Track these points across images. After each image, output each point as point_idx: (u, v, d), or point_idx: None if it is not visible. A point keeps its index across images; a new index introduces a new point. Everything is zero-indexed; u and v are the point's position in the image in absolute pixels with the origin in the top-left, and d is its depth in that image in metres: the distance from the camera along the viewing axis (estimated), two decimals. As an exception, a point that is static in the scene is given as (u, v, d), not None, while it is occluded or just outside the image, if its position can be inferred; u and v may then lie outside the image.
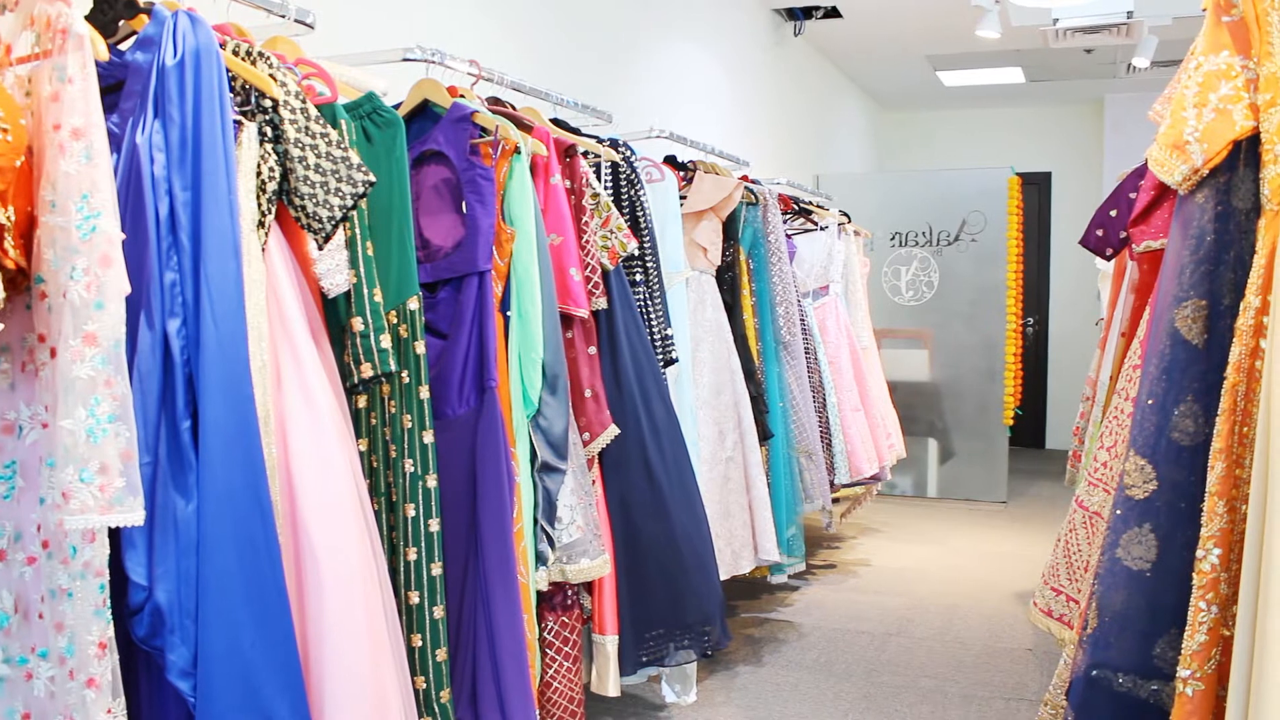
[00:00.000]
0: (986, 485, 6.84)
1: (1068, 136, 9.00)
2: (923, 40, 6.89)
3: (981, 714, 3.35)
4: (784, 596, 4.62)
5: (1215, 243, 1.66)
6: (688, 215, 3.47)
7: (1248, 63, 1.58)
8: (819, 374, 4.44)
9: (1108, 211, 3.07)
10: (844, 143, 8.00)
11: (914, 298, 6.89)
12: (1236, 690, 1.51)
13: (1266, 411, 1.47)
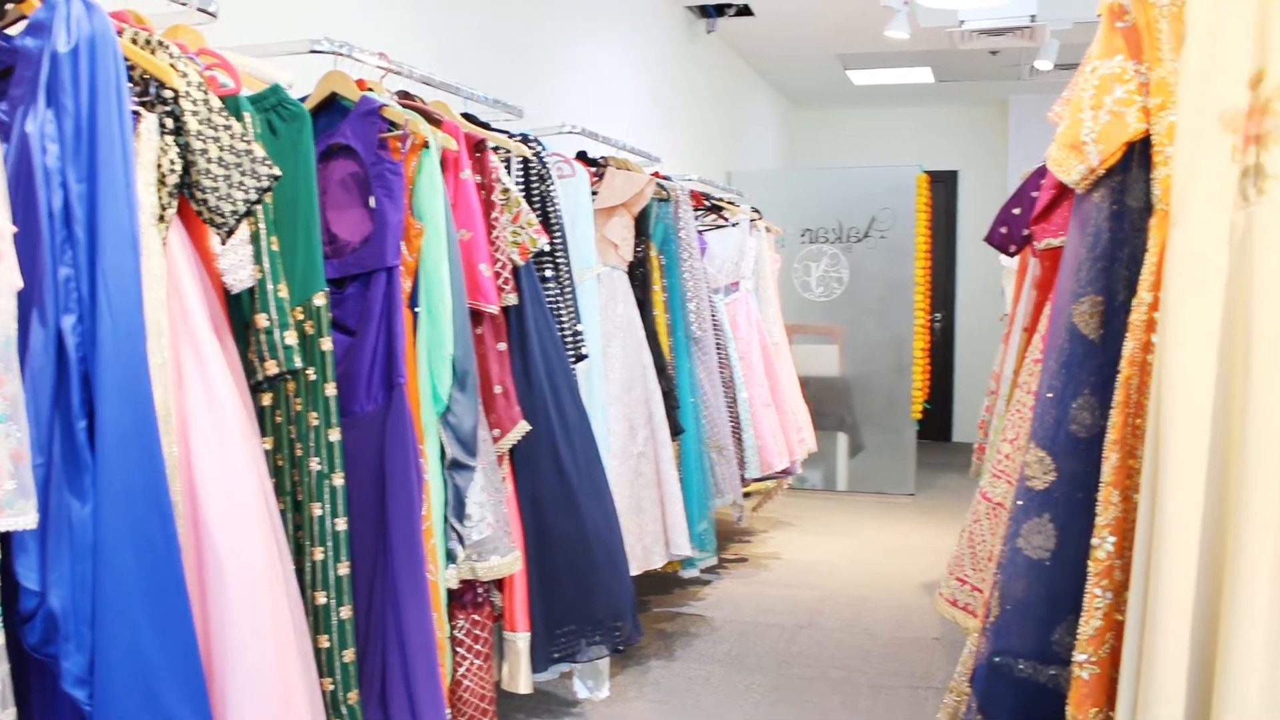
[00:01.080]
0: (895, 478, 6.96)
1: (974, 136, 9.19)
2: (833, 39, 6.98)
3: (890, 702, 3.40)
4: (696, 590, 4.65)
5: (1111, 240, 1.70)
6: (599, 211, 3.47)
7: (1140, 67, 1.62)
8: (730, 369, 4.47)
9: (1011, 209, 3.14)
10: (756, 140, 8.06)
11: (824, 294, 6.98)
12: (1127, 672, 1.56)
13: (1157, 404, 1.52)
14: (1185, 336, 1.50)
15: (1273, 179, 1.48)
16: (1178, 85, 1.55)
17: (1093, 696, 1.65)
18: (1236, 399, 1.48)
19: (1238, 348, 1.49)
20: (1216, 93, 1.52)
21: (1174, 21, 1.57)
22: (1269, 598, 1.46)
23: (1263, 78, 1.50)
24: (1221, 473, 1.51)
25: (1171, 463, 1.49)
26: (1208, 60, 1.53)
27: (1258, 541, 1.45)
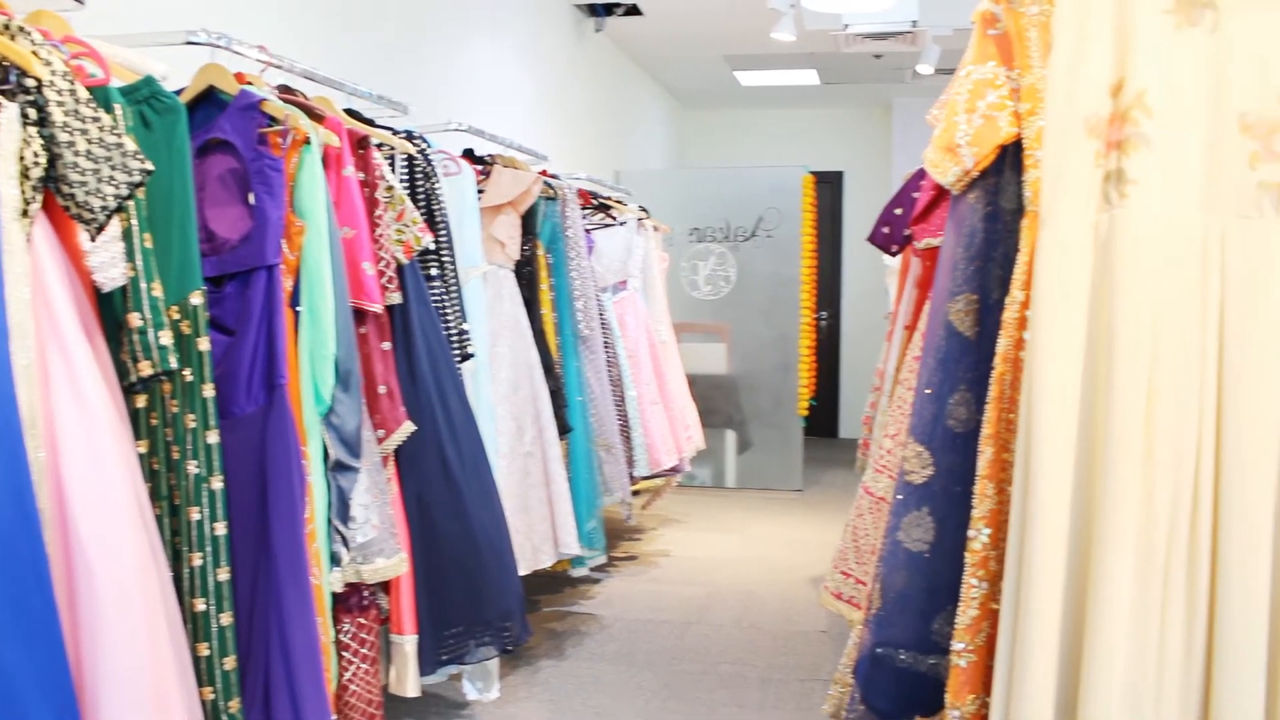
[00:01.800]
0: (782, 474, 7.05)
1: (859, 137, 9.37)
2: (721, 40, 7.04)
3: (779, 695, 3.45)
4: (585, 589, 4.65)
5: (985, 240, 1.75)
6: (485, 209, 3.44)
7: (1011, 73, 1.67)
8: (618, 368, 4.49)
9: (893, 210, 3.21)
10: (644, 139, 8.10)
11: (712, 292, 7.05)
12: (1001, 659, 1.61)
13: (1028, 399, 1.57)
14: (1053, 333, 1.56)
15: (1133, 183, 1.54)
16: (1046, 92, 1.60)
17: (970, 684, 1.70)
18: (1101, 393, 1.54)
19: (1102, 343, 1.55)
20: (1081, 100, 1.58)
21: (1042, 30, 1.62)
22: (1131, 585, 1.52)
23: (1123, 87, 1.57)
24: (1088, 464, 1.57)
25: (1040, 456, 1.55)
26: (1073, 68, 1.58)
27: (1120, 530, 1.51)
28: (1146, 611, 1.52)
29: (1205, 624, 1.54)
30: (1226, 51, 1.54)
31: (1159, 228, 1.54)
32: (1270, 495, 1.51)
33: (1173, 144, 1.55)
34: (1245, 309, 1.52)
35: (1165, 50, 1.55)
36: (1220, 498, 1.52)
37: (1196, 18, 1.55)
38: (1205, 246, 1.54)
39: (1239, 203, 1.54)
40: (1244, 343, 1.52)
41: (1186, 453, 1.52)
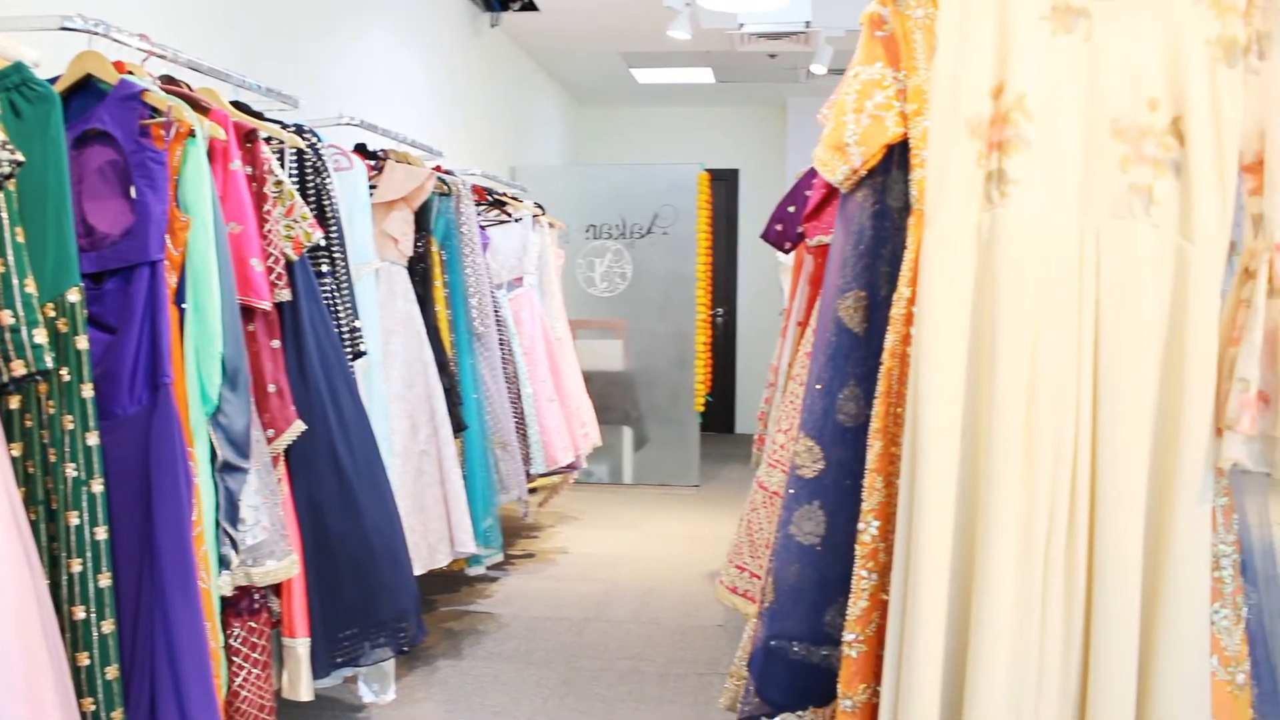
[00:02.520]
0: (680, 470, 7.10)
1: (754, 136, 9.46)
2: (617, 38, 7.05)
3: (677, 690, 3.47)
4: (483, 588, 4.62)
5: (873, 238, 1.79)
6: (378, 205, 3.39)
7: (898, 75, 1.71)
8: (514, 365, 4.46)
9: (786, 208, 3.25)
10: (541, 135, 8.06)
11: (608, 289, 7.05)
12: (891, 648, 1.64)
13: (914, 394, 1.61)
14: (938, 329, 1.60)
15: (1013, 183, 1.59)
16: (930, 93, 1.64)
17: (861, 674, 1.73)
18: (984, 387, 1.59)
19: (985, 339, 1.59)
20: (963, 102, 1.62)
21: (927, 33, 1.66)
22: (1014, 574, 1.57)
23: (1003, 90, 1.61)
24: (972, 458, 1.61)
25: (926, 450, 1.59)
26: (955, 71, 1.62)
27: (1003, 523, 1.56)
28: (1028, 598, 1.57)
29: (1083, 610, 1.60)
30: (1099, 59, 1.60)
31: (1038, 227, 1.59)
32: (1140, 484, 1.57)
33: (1051, 146, 1.60)
34: (1118, 305, 1.58)
35: (1043, 56, 1.60)
36: (1096, 489, 1.58)
37: (1072, 25, 1.61)
38: (1081, 245, 1.59)
39: (1112, 203, 1.59)
40: (1117, 338, 1.58)
41: (1065, 445, 1.57)
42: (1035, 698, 1.59)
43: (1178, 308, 1.57)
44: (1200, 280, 1.56)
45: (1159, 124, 1.59)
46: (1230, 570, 1.68)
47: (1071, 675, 1.61)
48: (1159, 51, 1.59)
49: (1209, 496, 1.59)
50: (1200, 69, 1.57)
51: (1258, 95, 1.58)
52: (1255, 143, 1.59)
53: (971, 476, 1.61)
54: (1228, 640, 1.68)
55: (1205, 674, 1.63)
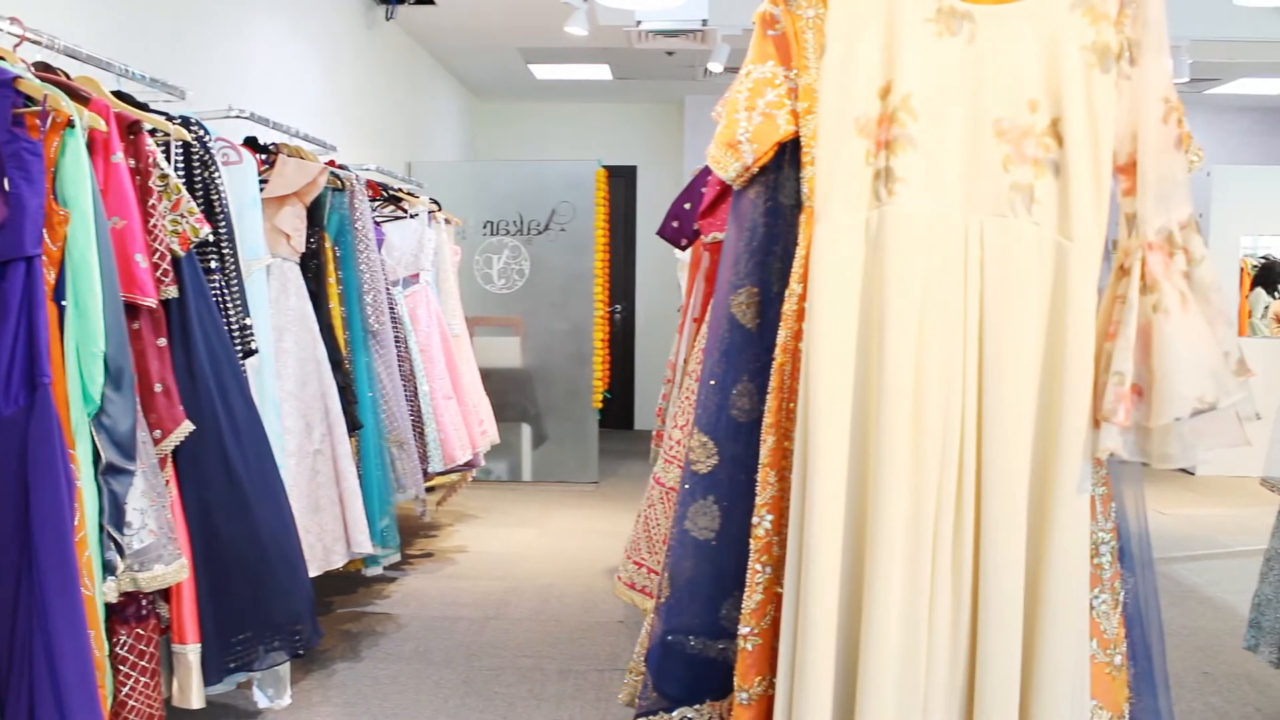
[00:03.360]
0: (579, 467, 7.10)
1: (652, 133, 9.50)
2: (515, 33, 7.01)
3: (578, 686, 3.47)
4: (381, 588, 4.57)
5: (766, 234, 1.81)
6: (269, 200, 3.33)
7: (789, 73, 1.73)
8: (410, 362, 4.42)
9: (682, 204, 3.28)
10: (437, 131, 7.98)
11: (505, 285, 7.02)
12: (785, 641, 1.67)
13: (805, 389, 1.63)
14: (828, 325, 1.63)
15: (900, 181, 1.63)
16: (820, 92, 1.67)
17: (757, 666, 1.75)
18: (873, 382, 1.62)
19: (873, 335, 1.62)
20: (852, 101, 1.65)
21: (818, 33, 1.68)
22: (903, 562, 1.61)
23: (890, 90, 1.65)
24: (862, 452, 1.64)
25: (817, 444, 1.61)
26: (844, 70, 1.65)
27: (891, 516, 1.59)
28: (917, 587, 1.61)
29: (970, 598, 1.65)
30: (982, 61, 1.65)
31: (924, 224, 1.63)
32: (1023, 475, 1.62)
33: (936, 145, 1.64)
34: (1001, 301, 1.63)
35: (928, 57, 1.64)
36: (981, 480, 1.62)
37: (956, 28, 1.65)
38: (966, 242, 1.64)
39: (995, 202, 1.64)
40: (1000, 333, 1.62)
41: (951, 438, 1.62)
42: (925, 681, 1.63)
43: (1057, 303, 1.63)
44: (1078, 277, 1.62)
45: (1039, 125, 1.65)
46: (1109, 557, 1.75)
47: (959, 659, 1.66)
48: (1038, 56, 1.64)
49: (1088, 486, 1.64)
50: (1076, 74, 1.63)
51: (1129, 100, 1.64)
52: (1128, 145, 1.65)
53: (861, 469, 1.64)
54: (1106, 624, 1.74)
55: (1085, 656, 1.69)
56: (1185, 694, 3.54)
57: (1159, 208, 1.63)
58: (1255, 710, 3.43)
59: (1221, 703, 3.48)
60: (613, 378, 7.88)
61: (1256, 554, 2.97)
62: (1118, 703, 1.75)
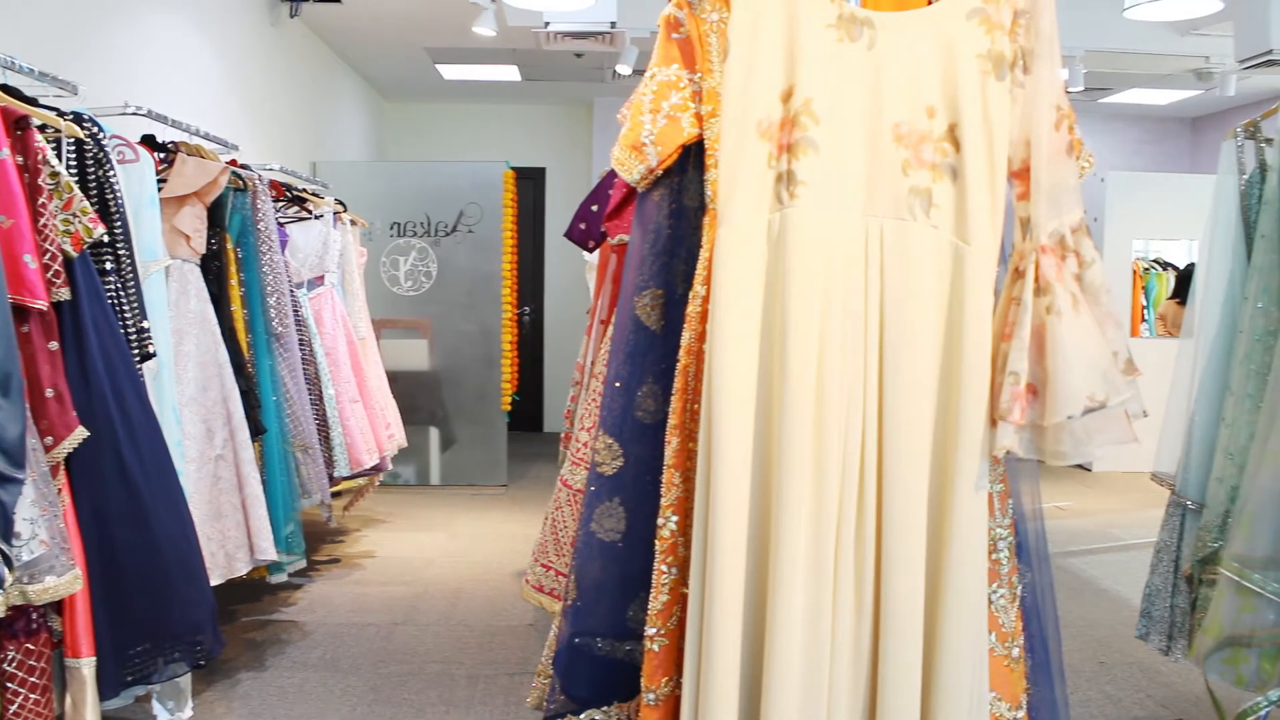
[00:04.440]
0: (488, 470, 7.06)
1: (561, 134, 9.48)
2: (422, 32, 6.94)
3: (487, 690, 3.45)
4: (286, 596, 4.49)
5: (670, 237, 1.82)
6: (168, 200, 3.25)
7: (694, 76, 1.74)
8: (315, 366, 4.35)
9: (589, 206, 3.28)
10: (343, 130, 7.87)
11: (413, 287, 6.95)
12: (691, 640, 1.68)
13: (709, 390, 1.65)
14: (731, 326, 1.64)
15: (802, 184, 1.65)
16: (722, 95, 1.68)
17: (664, 667, 1.76)
18: (776, 383, 1.64)
19: (776, 336, 1.64)
20: (754, 104, 1.67)
21: (721, 37, 1.70)
22: (806, 561, 1.63)
23: (792, 94, 1.67)
24: (765, 452, 1.66)
25: (721, 444, 1.63)
26: (747, 74, 1.67)
27: (794, 514, 1.61)
28: (820, 586, 1.63)
29: (873, 594, 1.68)
30: (882, 67, 1.68)
31: (825, 227, 1.65)
32: (923, 473, 1.65)
33: (837, 149, 1.67)
34: (900, 303, 1.66)
35: (829, 62, 1.67)
36: (883, 479, 1.65)
37: (856, 34, 1.67)
38: (866, 245, 1.66)
39: (894, 205, 1.67)
40: (899, 335, 1.66)
41: (853, 437, 1.64)
42: (829, 678, 1.65)
43: (955, 305, 1.66)
44: (975, 279, 1.66)
45: (936, 131, 1.68)
46: (1006, 552, 1.79)
47: (862, 655, 1.68)
48: (936, 62, 1.68)
49: (985, 483, 1.68)
50: (972, 81, 1.67)
51: (1023, 107, 1.69)
52: (1022, 151, 1.70)
53: (765, 469, 1.66)
54: (1004, 618, 1.79)
55: (984, 650, 1.73)
56: (1082, 683, 3.64)
57: (1052, 212, 1.67)
58: (1147, 696, 3.54)
59: (1116, 690, 3.59)
60: (521, 380, 7.84)
61: (1149, 546, 3.07)
62: (1016, 694, 1.79)
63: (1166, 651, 2.94)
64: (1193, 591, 2.85)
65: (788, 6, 1.67)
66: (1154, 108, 8.86)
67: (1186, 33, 5.88)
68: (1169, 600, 2.94)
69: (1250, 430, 2.66)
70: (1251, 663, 2.49)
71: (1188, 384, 2.96)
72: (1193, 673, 3.56)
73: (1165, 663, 3.44)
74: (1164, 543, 2.97)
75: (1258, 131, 2.90)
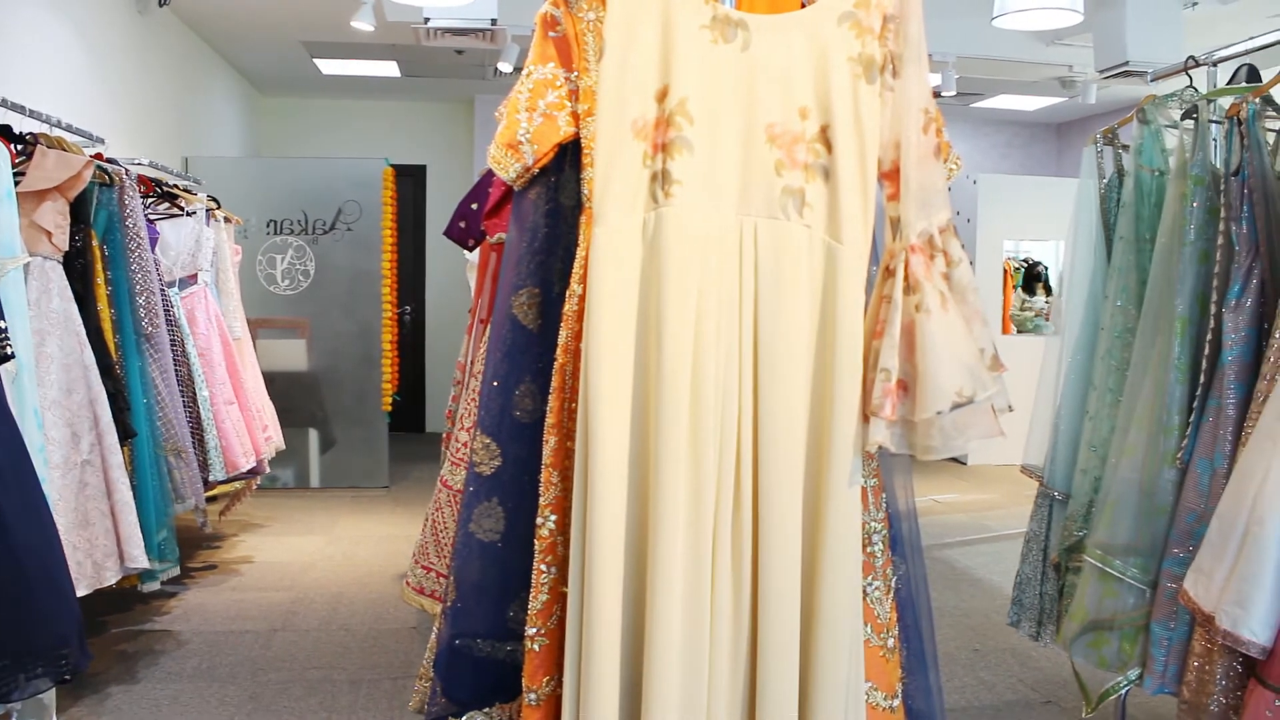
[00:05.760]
0: (369, 472, 6.95)
1: (442, 132, 9.39)
2: (299, 25, 6.79)
3: (370, 695, 3.40)
4: (159, 605, 4.35)
5: (547, 235, 1.81)
6: (26, 195, 3.12)
7: (570, 75, 1.74)
8: (188, 367, 4.23)
9: (469, 204, 3.25)
10: (217, 125, 7.66)
11: (290, 286, 6.80)
12: (571, 639, 1.68)
13: (585, 388, 1.65)
14: (606, 325, 1.64)
15: (677, 184, 1.66)
16: (598, 94, 1.68)
17: (545, 667, 1.76)
18: (652, 381, 1.65)
19: (652, 334, 1.65)
20: (629, 104, 1.67)
21: (597, 36, 1.70)
22: (684, 558, 1.64)
23: (667, 93, 1.68)
24: (642, 449, 1.67)
25: (598, 443, 1.63)
26: (622, 73, 1.67)
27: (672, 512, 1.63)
28: (699, 582, 1.65)
29: (750, 589, 1.70)
30: (756, 68, 1.70)
31: (700, 226, 1.67)
32: (798, 469, 1.68)
33: (711, 149, 1.68)
34: (774, 302, 1.68)
35: (704, 63, 1.68)
36: (759, 475, 1.67)
37: (730, 35, 1.69)
38: (741, 244, 1.69)
39: (767, 205, 1.69)
40: (773, 333, 1.68)
41: (728, 434, 1.66)
42: (709, 673, 1.67)
43: (828, 303, 1.69)
44: (847, 278, 1.69)
45: (809, 131, 1.71)
46: (880, 545, 1.83)
47: (741, 650, 1.70)
48: (808, 64, 1.70)
49: (859, 478, 1.72)
50: (844, 83, 1.70)
51: (892, 109, 1.72)
52: (892, 152, 1.73)
53: (642, 468, 1.66)
54: (880, 609, 1.83)
55: (859, 641, 1.76)
56: (958, 670, 3.75)
57: (920, 213, 1.71)
58: (1019, 681, 3.66)
59: (990, 676, 3.70)
60: (403, 380, 7.74)
61: (1021, 537, 3.17)
62: (891, 683, 1.83)
63: (1036, 637, 3.04)
64: (1060, 579, 2.96)
65: (663, 7, 1.68)
66: (1022, 113, 9.16)
67: (1051, 42, 6.10)
68: (1038, 588, 3.04)
69: (1111, 423, 2.77)
70: (1113, 645, 2.59)
71: (1054, 380, 3.07)
72: (1061, 656, 3.69)
73: (1036, 648, 3.56)
74: (1033, 532, 3.07)
75: (1115, 138, 3.02)
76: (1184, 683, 2.36)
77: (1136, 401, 2.62)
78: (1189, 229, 2.53)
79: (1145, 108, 2.83)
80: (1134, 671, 2.54)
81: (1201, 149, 2.58)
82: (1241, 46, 2.74)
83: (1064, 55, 6.28)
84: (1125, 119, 2.95)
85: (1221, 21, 5.45)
